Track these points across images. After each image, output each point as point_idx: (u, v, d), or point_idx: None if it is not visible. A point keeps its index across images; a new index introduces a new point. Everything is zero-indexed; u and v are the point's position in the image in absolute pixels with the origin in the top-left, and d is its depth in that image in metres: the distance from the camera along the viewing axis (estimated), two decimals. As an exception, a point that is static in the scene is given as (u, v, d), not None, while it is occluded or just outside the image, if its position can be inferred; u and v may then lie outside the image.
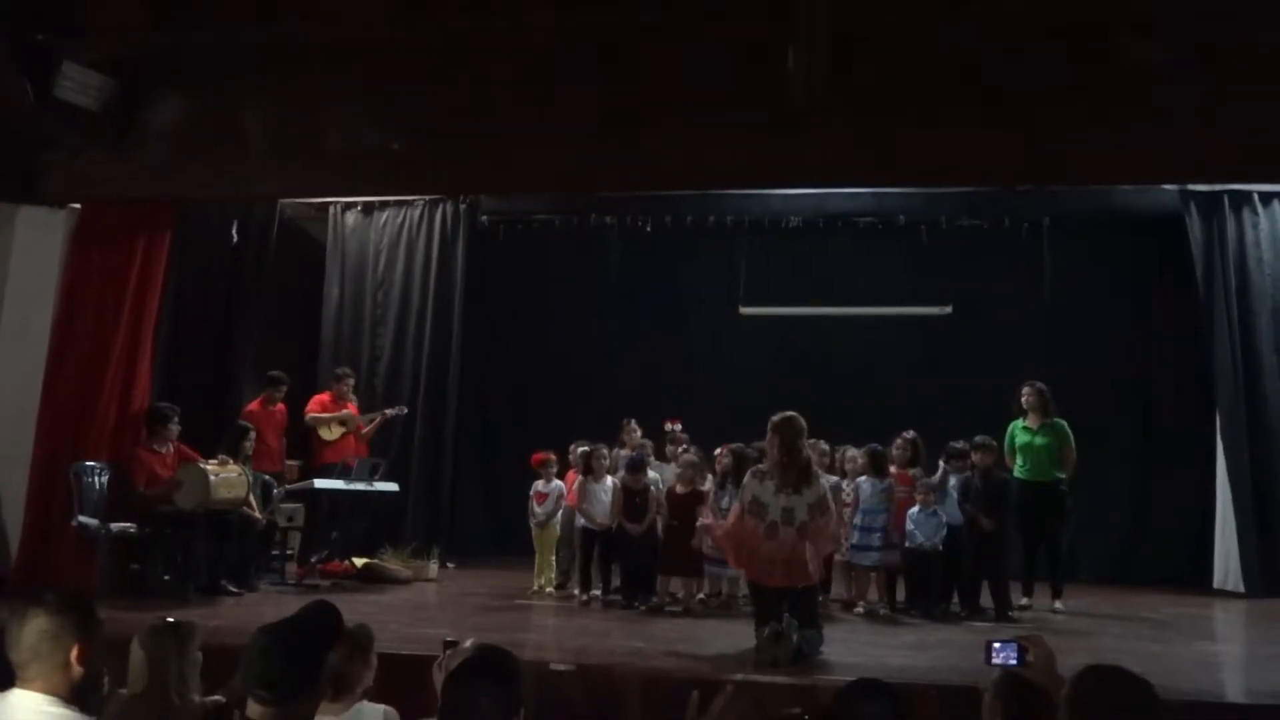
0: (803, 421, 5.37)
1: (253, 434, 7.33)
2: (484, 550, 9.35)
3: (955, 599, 6.76)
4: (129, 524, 6.67)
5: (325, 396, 8.45)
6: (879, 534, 6.77)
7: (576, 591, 7.19)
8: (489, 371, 10.08)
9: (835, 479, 6.94)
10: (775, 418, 5.38)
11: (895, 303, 9.32)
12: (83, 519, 6.58)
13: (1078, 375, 8.61)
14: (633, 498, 6.97)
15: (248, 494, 6.96)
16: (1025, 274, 9.13)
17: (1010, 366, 8.18)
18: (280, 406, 8.09)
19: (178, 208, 7.28)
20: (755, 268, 9.54)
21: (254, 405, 7.94)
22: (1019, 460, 7.16)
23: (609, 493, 7.08)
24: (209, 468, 6.74)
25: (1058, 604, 6.91)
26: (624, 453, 7.57)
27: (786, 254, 9.62)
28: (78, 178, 6.88)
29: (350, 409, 8.46)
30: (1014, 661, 2.46)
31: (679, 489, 6.86)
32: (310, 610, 2.30)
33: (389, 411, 8.62)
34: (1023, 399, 7.23)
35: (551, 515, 7.41)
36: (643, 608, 6.75)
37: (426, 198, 9.36)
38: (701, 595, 6.95)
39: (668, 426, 7.98)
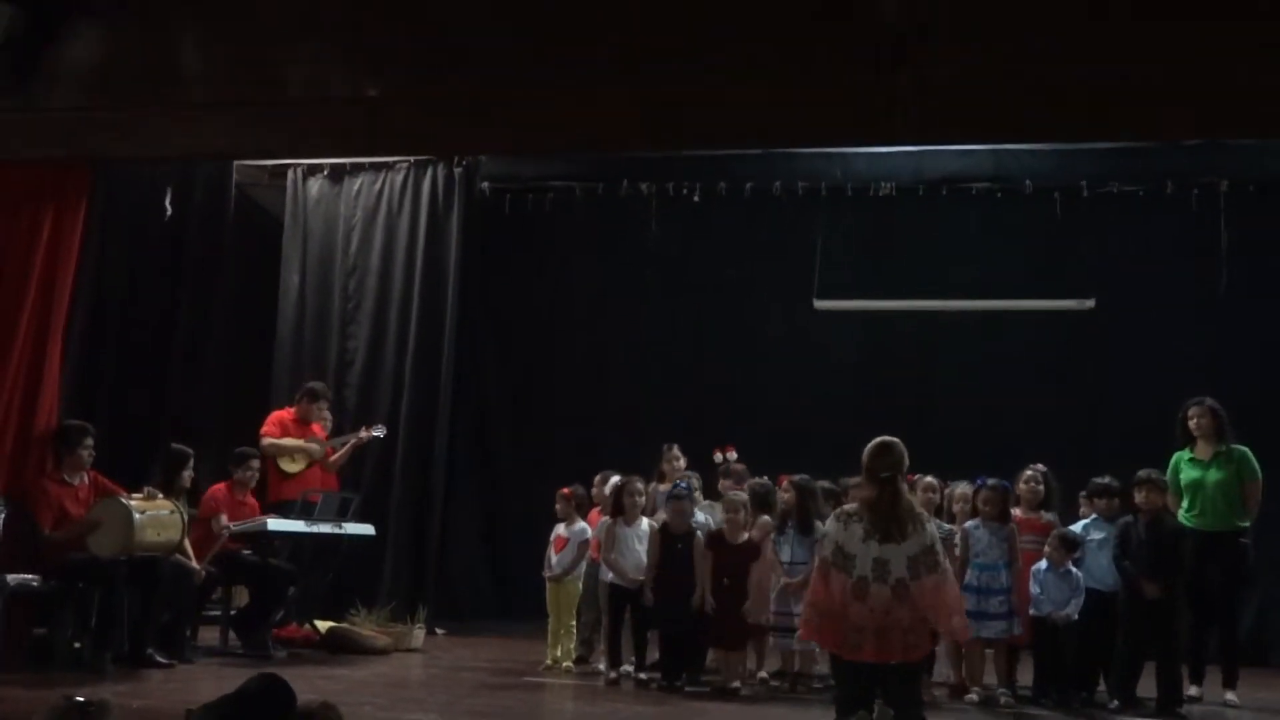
0: (903, 450, 5.33)
1: (192, 461, 7.38)
2: (483, 613, 9.41)
3: (1102, 684, 6.69)
4: (30, 576, 6.71)
5: (287, 414, 8.51)
6: (1000, 597, 6.67)
7: (602, 667, 7.17)
8: (491, 382, 10.11)
9: (949, 527, 6.87)
10: (870, 445, 5.34)
11: (1019, 295, 9.22)
12: (-30, 570, 6.65)
13: (1267, 391, 8.45)
14: (674, 544, 6.93)
15: (183, 537, 7.01)
16: (1194, 257, 8.99)
17: (1173, 378, 8.06)
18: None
19: (96, 170, 7.35)
20: (835, 249, 9.48)
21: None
22: (1185, 504, 7.00)
23: (644, 540, 7.05)
24: (133, 504, 6.80)
25: (1229, 695, 6.78)
26: (664, 488, 7.55)
27: (875, 232, 9.56)
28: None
29: (316, 430, 8.51)
30: None
31: (735, 538, 6.81)
32: (254, 685, 2.29)
33: (364, 434, 8.66)
34: (1190, 422, 7.06)
35: (571, 567, 7.39)
36: (688, 689, 6.72)
37: (411, 159, 9.43)
38: (764, 673, 6.92)
39: (718, 456, 7.93)
